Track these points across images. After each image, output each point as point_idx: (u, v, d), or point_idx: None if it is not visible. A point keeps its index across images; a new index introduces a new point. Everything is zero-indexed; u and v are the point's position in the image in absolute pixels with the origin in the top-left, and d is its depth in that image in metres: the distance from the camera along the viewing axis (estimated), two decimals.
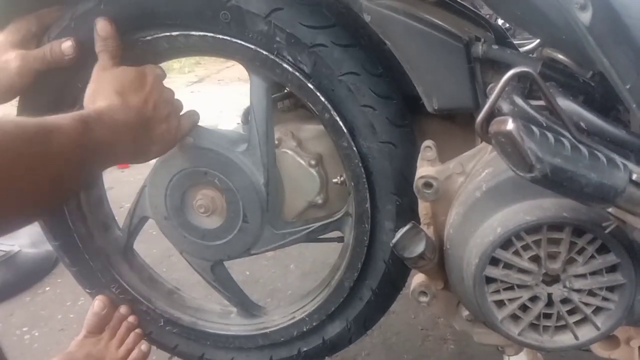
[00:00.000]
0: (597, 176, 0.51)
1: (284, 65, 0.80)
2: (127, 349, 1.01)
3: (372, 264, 0.92)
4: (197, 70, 4.61)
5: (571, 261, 0.64)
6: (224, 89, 3.97)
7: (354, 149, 0.83)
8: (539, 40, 0.94)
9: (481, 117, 0.55)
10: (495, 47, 0.73)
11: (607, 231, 0.59)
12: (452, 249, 0.72)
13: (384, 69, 0.82)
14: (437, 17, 0.74)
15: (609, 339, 0.73)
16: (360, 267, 0.91)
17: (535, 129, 0.51)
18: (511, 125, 0.50)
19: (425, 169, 0.75)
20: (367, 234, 0.89)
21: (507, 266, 0.66)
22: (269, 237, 0.95)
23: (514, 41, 0.96)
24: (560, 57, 0.71)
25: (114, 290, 1.05)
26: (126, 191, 1.87)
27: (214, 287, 1.04)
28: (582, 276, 0.64)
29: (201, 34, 0.81)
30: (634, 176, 0.52)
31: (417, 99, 0.78)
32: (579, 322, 0.67)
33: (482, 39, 0.74)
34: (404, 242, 0.70)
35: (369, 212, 0.87)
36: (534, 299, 0.67)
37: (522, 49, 0.93)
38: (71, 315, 1.45)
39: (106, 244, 1.05)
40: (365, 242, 0.89)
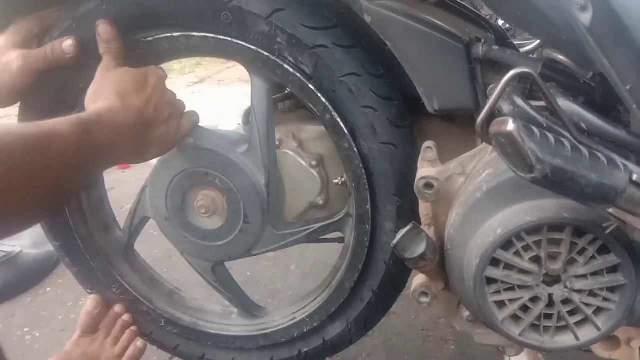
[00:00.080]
0: (598, 177, 0.51)
1: (285, 66, 0.80)
2: (123, 346, 1.01)
3: (373, 264, 0.92)
4: (198, 70, 4.60)
5: (572, 262, 0.64)
6: (224, 89, 3.97)
7: (355, 149, 0.83)
8: (539, 40, 0.95)
9: (482, 117, 0.55)
10: (495, 47, 0.73)
11: (607, 232, 0.59)
12: (452, 249, 0.72)
13: (384, 69, 0.83)
14: (437, 17, 0.74)
15: (609, 339, 0.73)
16: (360, 268, 0.91)
17: (535, 129, 0.51)
18: (512, 126, 0.50)
19: (426, 169, 0.75)
20: (368, 235, 0.89)
21: (508, 267, 0.66)
22: (269, 238, 0.95)
23: (515, 42, 0.96)
24: (560, 57, 0.71)
25: (114, 290, 1.05)
26: (127, 192, 1.88)
27: (214, 287, 1.04)
28: (583, 277, 0.64)
29: (202, 34, 0.81)
30: (634, 177, 0.52)
31: (417, 100, 0.78)
32: (579, 323, 0.67)
33: (483, 40, 0.74)
34: (404, 243, 0.70)
35: (370, 213, 0.87)
36: (534, 300, 0.67)
37: (522, 50, 0.93)
38: (72, 315, 1.45)
39: (107, 245, 1.05)
40: (366, 242, 0.89)
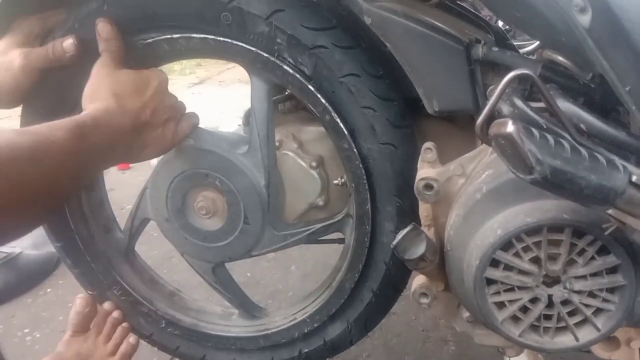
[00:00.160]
0: (597, 178, 0.51)
1: (284, 67, 0.80)
2: (115, 343, 1.01)
3: (373, 265, 0.92)
4: (198, 71, 4.61)
5: (571, 262, 0.64)
6: (225, 90, 3.98)
7: (355, 150, 0.83)
8: (538, 42, 0.95)
9: (481, 119, 0.55)
10: (495, 49, 0.73)
11: (607, 233, 0.59)
12: (452, 250, 0.72)
13: (384, 70, 0.83)
14: (437, 19, 0.74)
15: (609, 340, 0.73)
16: (361, 269, 0.91)
17: (535, 131, 0.51)
18: (511, 127, 0.50)
19: (425, 170, 0.75)
20: (368, 236, 0.89)
21: (508, 268, 0.66)
22: (269, 239, 0.95)
23: (514, 43, 0.96)
24: (560, 59, 0.71)
25: (115, 292, 1.05)
26: (127, 193, 1.88)
27: (215, 288, 1.04)
28: (583, 277, 0.65)
29: (202, 36, 0.81)
30: (633, 178, 0.52)
31: (417, 101, 0.78)
32: (579, 324, 0.68)
33: (482, 41, 0.74)
34: (404, 244, 0.70)
35: (370, 214, 0.87)
36: (534, 301, 0.67)
37: (522, 51, 0.94)
38: None
39: (107, 246, 1.05)
40: (366, 243, 0.89)
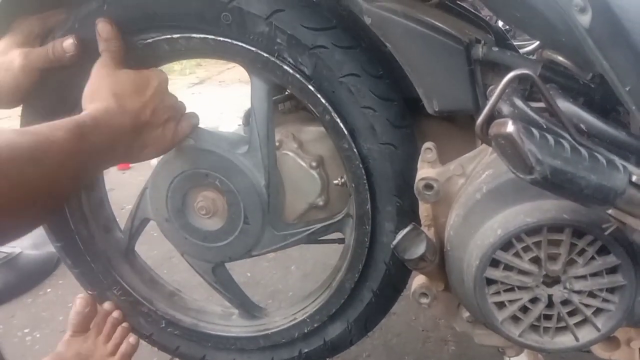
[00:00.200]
0: (597, 178, 0.51)
1: (284, 67, 0.80)
2: (115, 343, 1.00)
3: (373, 265, 0.92)
4: (198, 71, 4.61)
5: (571, 262, 0.64)
6: (225, 90, 3.98)
7: (355, 150, 0.83)
8: (538, 42, 0.95)
9: (481, 119, 0.55)
10: (495, 49, 0.73)
11: (607, 233, 0.59)
12: (452, 250, 0.72)
13: (384, 70, 0.83)
14: (437, 19, 0.74)
15: (609, 340, 0.73)
16: (361, 269, 0.91)
17: (535, 131, 0.51)
18: (511, 127, 0.50)
19: (425, 170, 0.75)
20: (368, 235, 0.89)
21: (508, 268, 0.66)
22: (269, 239, 0.95)
23: (514, 43, 0.96)
24: (560, 59, 0.71)
25: (115, 292, 1.05)
26: (127, 193, 1.88)
27: (215, 288, 1.04)
28: (583, 277, 0.65)
29: (202, 36, 0.81)
30: (633, 178, 0.52)
31: (417, 101, 0.78)
32: (579, 324, 0.68)
33: (482, 41, 0.74)
34: (404, 244, 0.70)
35: (370, 214, 0.87)
36: (534, 301, 0.67)
37: (522, 51, 0.94)
38: None
39: (107, 246, 1.05)
40: (366, 243, 0.89)
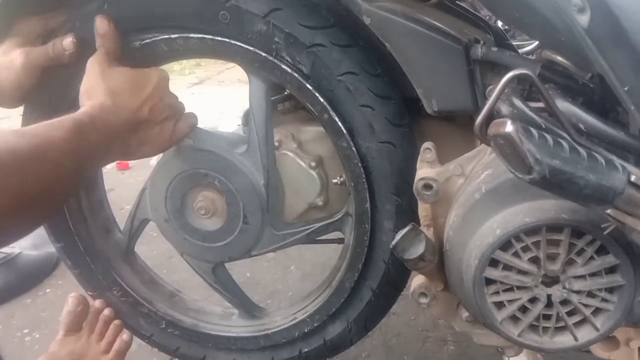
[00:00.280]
0: (596, 178, 0.51)
1: (282, 66, 0.80)
2: (109, 341, 1.00)
3: (373, 264, 0.92)
4: (198, 71, 4.60)
5: (570, 262, 0.64)
6: (224, 90, 3.97)
7: (353, 149, 0.83)
8: (537, 42, 0.95)
9: (480, 119, 0.55)
10: (494, 49, 0.73)
11: (606, 232, 0.59)
12: (451, 250, 0.72)
13: (382, 69, 0.83)
14: (436, 19, 0.74)
15: (608, 340, 0.73)
16: (360, 268, 0.91)
17: (534, 130, 0.51)
18: (510, 127, 0.50)
19: (424, 170, 0.75)
20: (367, 235, 0.89)
21: (507, 267, 0.66)
22: (269, 238, 0.95)
23: (514, 43, 0.96)
24: (559, 59, 0.71)
25: (115, 292, 1.05)
26: (126, 193, 1.88)
27: (215, 288, 1.04)
28: (582, 277, 0.65)
29: (200, 36, 0.81)
30: (632, 178, 0.52)
31: (416, 101, 0.78)
32: (578, 323, 0.68)
33: (482, 41, 0.74)
34: (403, 244, 0.70)
35: (369, 212, 0.87)
36: (533, 300, 0.67)
37: (521, 51, 0.94)
38: None
39: (107, 247, 1.05)
40: (365, 242, 0.89)
